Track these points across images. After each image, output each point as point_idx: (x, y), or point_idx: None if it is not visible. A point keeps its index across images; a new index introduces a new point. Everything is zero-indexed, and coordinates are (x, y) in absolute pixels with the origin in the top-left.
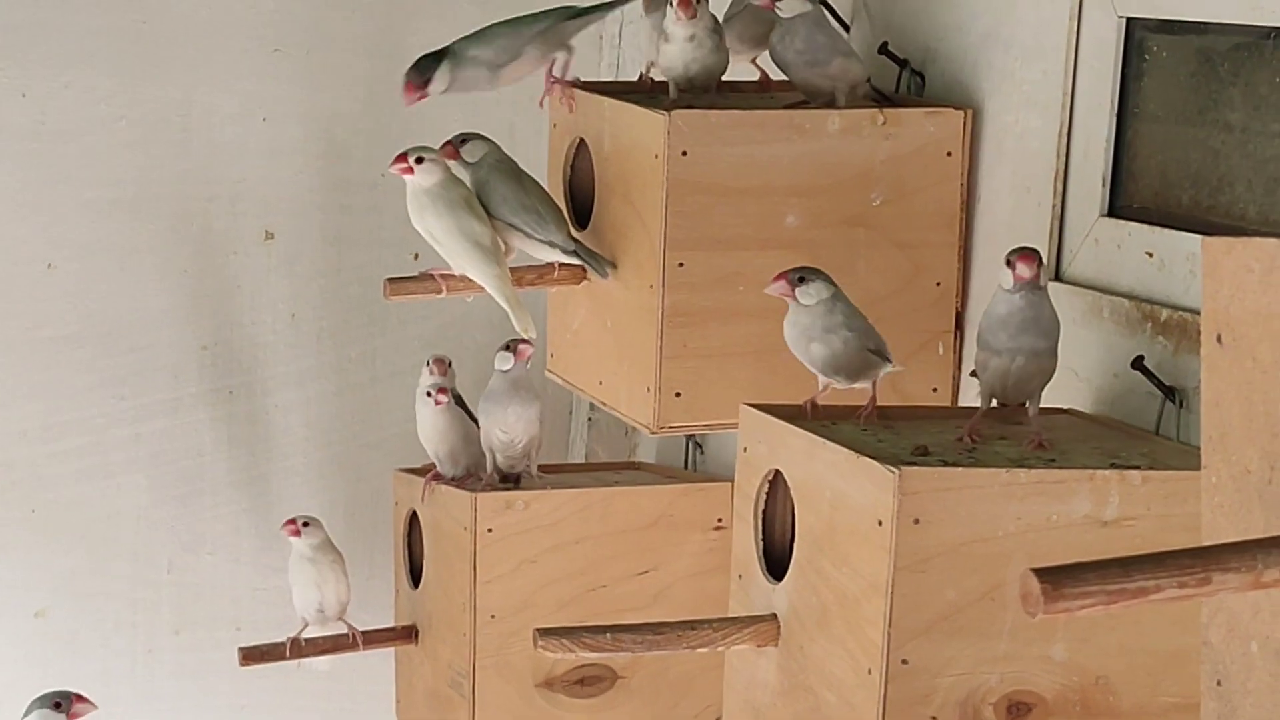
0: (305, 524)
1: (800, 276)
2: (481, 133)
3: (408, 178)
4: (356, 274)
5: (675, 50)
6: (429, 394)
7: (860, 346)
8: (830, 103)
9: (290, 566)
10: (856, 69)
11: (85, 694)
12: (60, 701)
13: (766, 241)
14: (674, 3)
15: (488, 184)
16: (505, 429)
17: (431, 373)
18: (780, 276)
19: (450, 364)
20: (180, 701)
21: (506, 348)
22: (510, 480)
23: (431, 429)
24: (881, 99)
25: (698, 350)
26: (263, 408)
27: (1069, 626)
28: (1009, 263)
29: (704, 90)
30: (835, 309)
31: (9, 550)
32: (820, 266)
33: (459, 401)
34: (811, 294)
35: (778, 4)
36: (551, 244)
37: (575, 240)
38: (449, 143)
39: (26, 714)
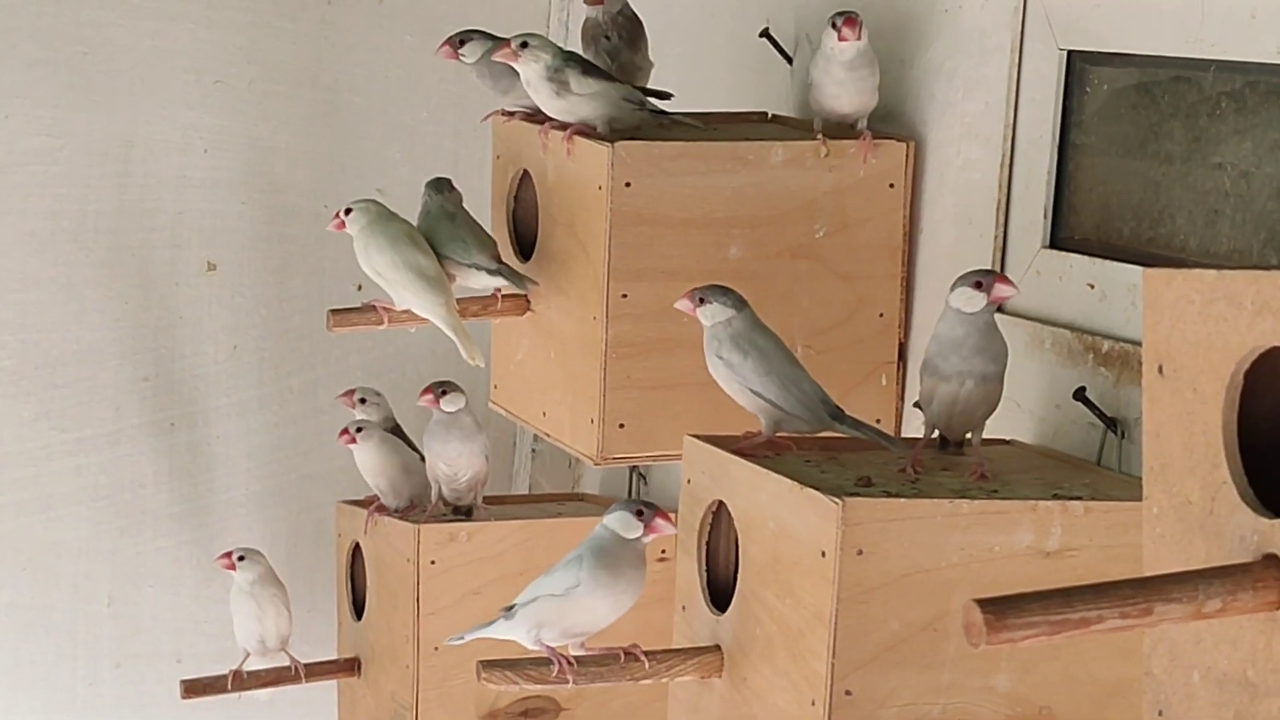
0: (241, 557)
1: (701, 297)
2: (442, 177)
3: (344, 231)
4: (299, 305)
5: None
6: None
7: (742, 386)
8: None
9: (231, 598)
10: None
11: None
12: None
13: (710, 273)
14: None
15: (423, 226)
16: (448, 463)
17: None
18: (688, 294)
19: (365, 398)
20: None
21: (444, 391)
22: (462, 512)
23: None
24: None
25: (641, 381)
26: (204, 439)
27: (1012, 657)
28: (979, 284)
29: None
30: (724, 336)
31: None
32: (764, 298)
33: (398, 432)
34: (708, 315)
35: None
36: (476, 266)
37: (499, 261)
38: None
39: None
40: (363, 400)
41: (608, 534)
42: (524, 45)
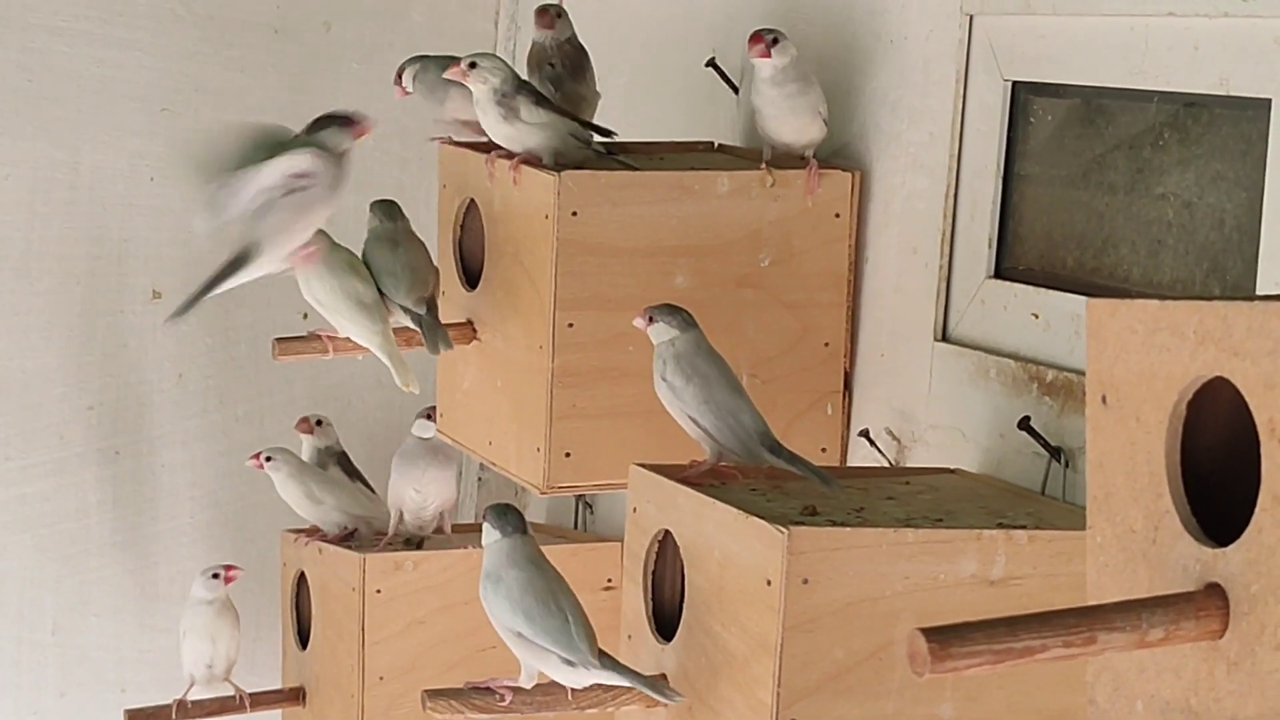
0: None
1: (651, 315)
2: (390, 199)
3: None
4: (244, 334)
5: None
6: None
7: (682, 411)
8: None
9: (186, 619)
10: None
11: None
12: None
13: (656, 302)
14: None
15: (367, 251)
16: (419, 489)
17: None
18: (642, 312)
19: (321, 420)
20: None
21: (427, 416)
22: (413, 544)
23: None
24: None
25: (587, 410)
26: (149, 468)
27: (957, 686)
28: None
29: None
30: (669, 357)
31: None
32: (710, 327)
33: (344, 460)
34: (656, 334)
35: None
36: (402, 307)
37: (427, 306)
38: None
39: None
40: (319, 423)
41: None
42: (473, 65)
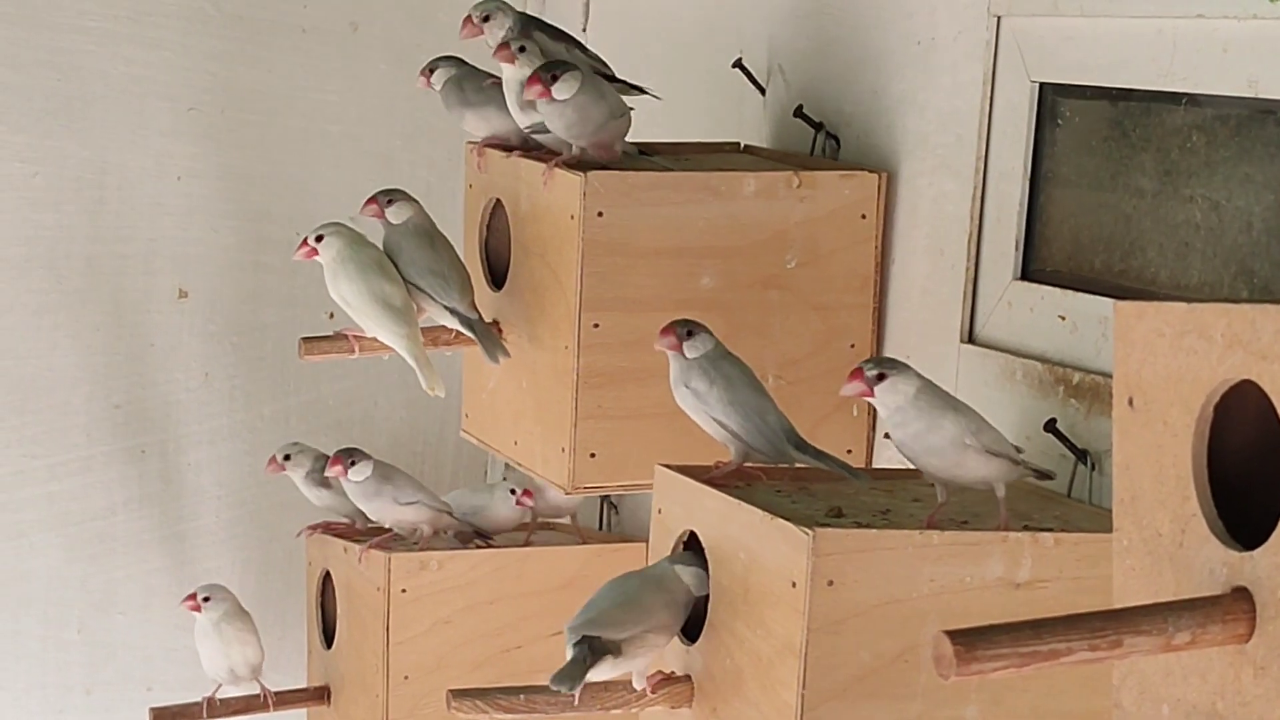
0: (206, 598)
1: (689, 330)
2: (409, 194)
3: (314, 259)
4: (271, 333)
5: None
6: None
7: (707, 415)
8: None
9: (195, 633)
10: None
11: None
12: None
13: (682, 303)
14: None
15: (401, 246)
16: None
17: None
18: (669, 330)
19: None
20: None
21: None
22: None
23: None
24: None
25: (613, 411)
26: (175, 467)
27: (982, 688)
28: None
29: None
30: (694, 365)
31: None
32: (736, 328)
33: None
34: (696, 347)
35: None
36: (453, 311)
37: (477, 313)
38: (375, 199)
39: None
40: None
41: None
42: (521, 49)
